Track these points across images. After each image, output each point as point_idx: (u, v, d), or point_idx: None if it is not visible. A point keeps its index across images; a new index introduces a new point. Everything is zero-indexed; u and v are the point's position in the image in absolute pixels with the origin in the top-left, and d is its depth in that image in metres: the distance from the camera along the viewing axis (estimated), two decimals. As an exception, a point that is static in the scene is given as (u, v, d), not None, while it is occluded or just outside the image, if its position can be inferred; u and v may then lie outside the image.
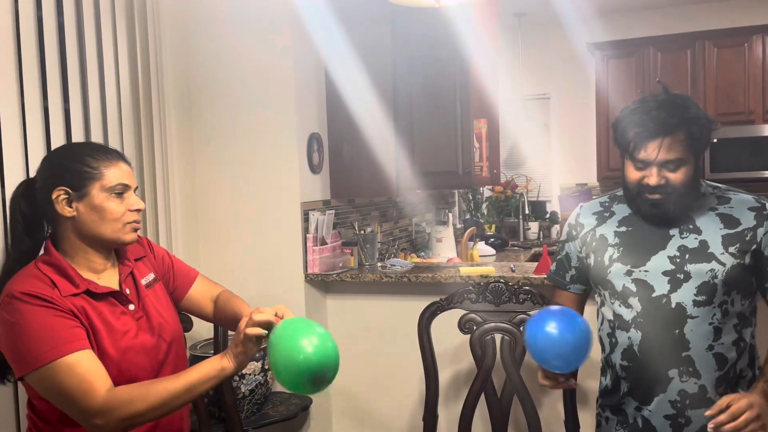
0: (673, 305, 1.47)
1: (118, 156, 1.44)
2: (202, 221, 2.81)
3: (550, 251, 2.86)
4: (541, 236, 4.77)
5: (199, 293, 1.65)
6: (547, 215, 4.94)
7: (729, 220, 1.50)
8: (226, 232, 2.79)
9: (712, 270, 1.46)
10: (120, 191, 1.40)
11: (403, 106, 2.93)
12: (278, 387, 2.76)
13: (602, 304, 1.62)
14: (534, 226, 4.78)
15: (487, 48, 3.41)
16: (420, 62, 2.94)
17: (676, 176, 1.46)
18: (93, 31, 2.26)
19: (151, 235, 2.48)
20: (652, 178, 1.46)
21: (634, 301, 1.51)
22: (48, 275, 1.35)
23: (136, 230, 1.44)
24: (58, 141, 2.11)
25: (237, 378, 2.41)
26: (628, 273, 1.52)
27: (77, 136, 2.20)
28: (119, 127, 2.36)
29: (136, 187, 1.47)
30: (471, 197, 4.72)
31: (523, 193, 4.76)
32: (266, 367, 2.51)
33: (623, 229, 1.58)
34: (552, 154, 5.34)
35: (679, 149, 1.44)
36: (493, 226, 4.62)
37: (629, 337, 1.53)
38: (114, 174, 1.39)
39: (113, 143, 2.33)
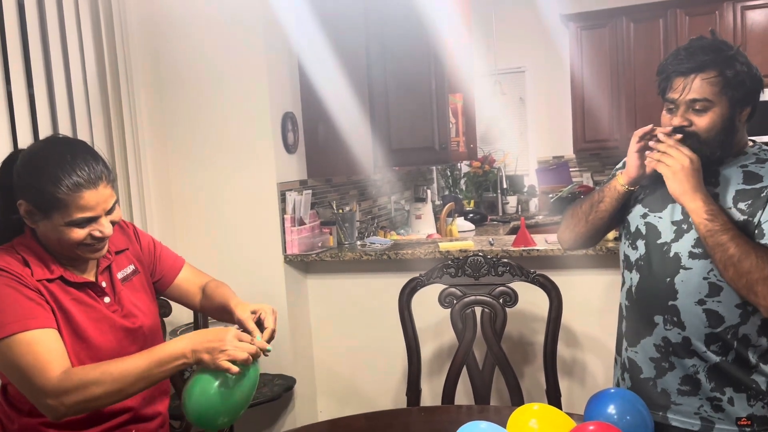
0: (672, 254, 1.46)
1: (97, 176, 1.30)
2: (177, 205, 2.77)
3: (527, 224, 2.88)
4: (520, 210, 4.80)
5: (187, 281, 1.62)
6: (525, 189, 4.96)
7: (751, 177, 1.42)
8: (203, 215, 2.76)
9: None
10: (84, 224, 1.31)
11: (378, 82, 2.90)
12: (263, 368, 2.75)
13: (619, 239, 1.63)
14: (512, 200, 4.80)
15: (461, 22, 3.39)
16: (393, 37, 2.90)
17: (702, 120, 1.39)
18: (55, 9, 2.19)
19: (125, 221, 2.44)
20: (676, 119, 1.42)
21: (640, 243, 1.52)
22: (23, 255, 1.33)
23: (96, 251, 1.36)
24: (23, 126, 2.06)
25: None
26: (644, 216, 1.53)
27: (43, 121, 2.15)
28: (87, 112, 2.31)
29: (116, 201, 1.36)
30: (449, 173, 4.72)
31: (500, 168, 4.77)
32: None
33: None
34: (528, 128, 5.35)
35: (708, 90, 1.38)
36: (472, 202, 4.63)
37: (631, 278, 1.55)
38: (83, 206, 1.28)
39: (81, 129, 2.28)
